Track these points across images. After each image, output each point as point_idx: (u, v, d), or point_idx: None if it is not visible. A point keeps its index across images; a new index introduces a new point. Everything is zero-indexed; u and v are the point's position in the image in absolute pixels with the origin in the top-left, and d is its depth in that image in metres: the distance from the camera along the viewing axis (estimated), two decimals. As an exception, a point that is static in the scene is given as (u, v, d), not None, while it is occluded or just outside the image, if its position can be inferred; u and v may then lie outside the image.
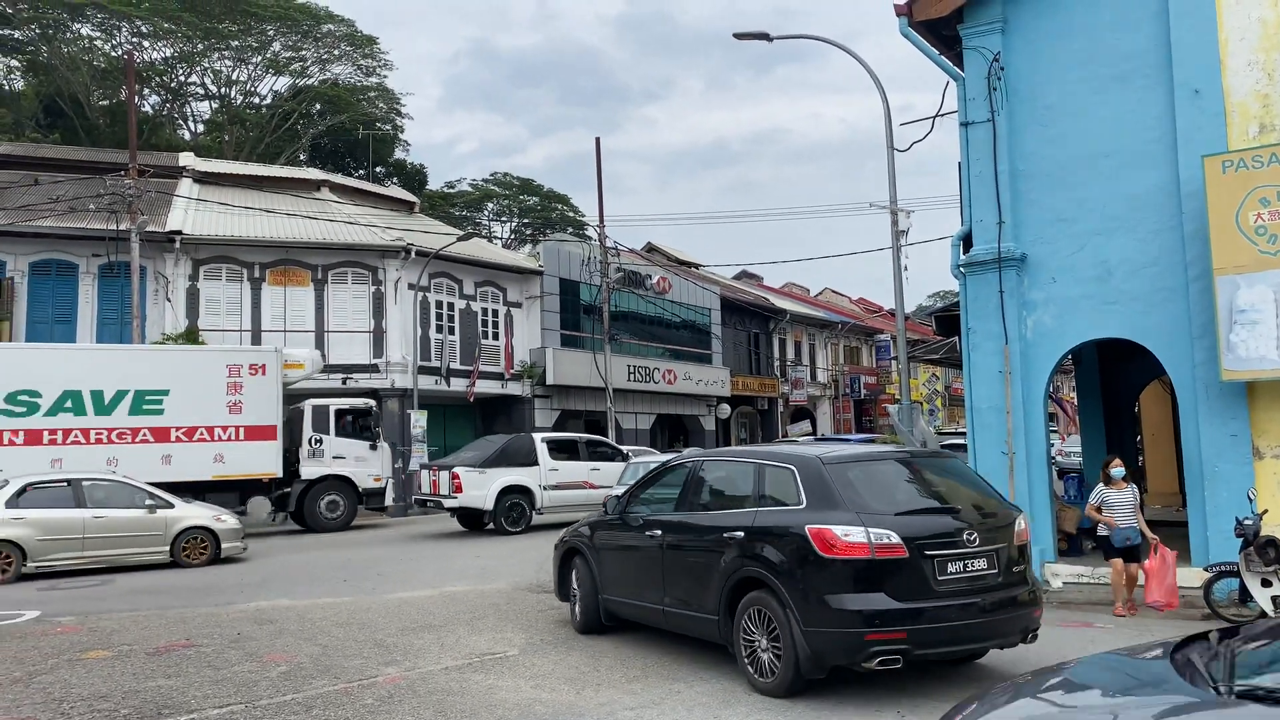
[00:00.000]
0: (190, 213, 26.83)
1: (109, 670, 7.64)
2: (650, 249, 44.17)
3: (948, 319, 15.48)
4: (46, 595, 12.24)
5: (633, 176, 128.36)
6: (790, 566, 6.36)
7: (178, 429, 18.97)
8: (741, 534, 6.80)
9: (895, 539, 6.15)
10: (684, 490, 7.83)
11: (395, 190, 40.39)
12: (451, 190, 61.63)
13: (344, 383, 26.44)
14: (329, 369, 26.27)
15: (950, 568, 6.28)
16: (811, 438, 36.59)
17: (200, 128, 54.01)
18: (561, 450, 20.50)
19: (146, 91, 48.98)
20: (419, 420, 25.49)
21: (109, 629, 9.48)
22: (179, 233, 25.14)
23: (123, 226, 23.57)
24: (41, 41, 48.28)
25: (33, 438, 17.72)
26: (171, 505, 15.26)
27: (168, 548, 14.93)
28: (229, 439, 19.49)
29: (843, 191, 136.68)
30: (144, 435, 18.66)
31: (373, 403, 23.56)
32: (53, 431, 17.92)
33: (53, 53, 47.67)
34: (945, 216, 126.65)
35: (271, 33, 49.90)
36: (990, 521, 6.65)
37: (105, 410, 18.39)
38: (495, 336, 30.18)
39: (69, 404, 18.07)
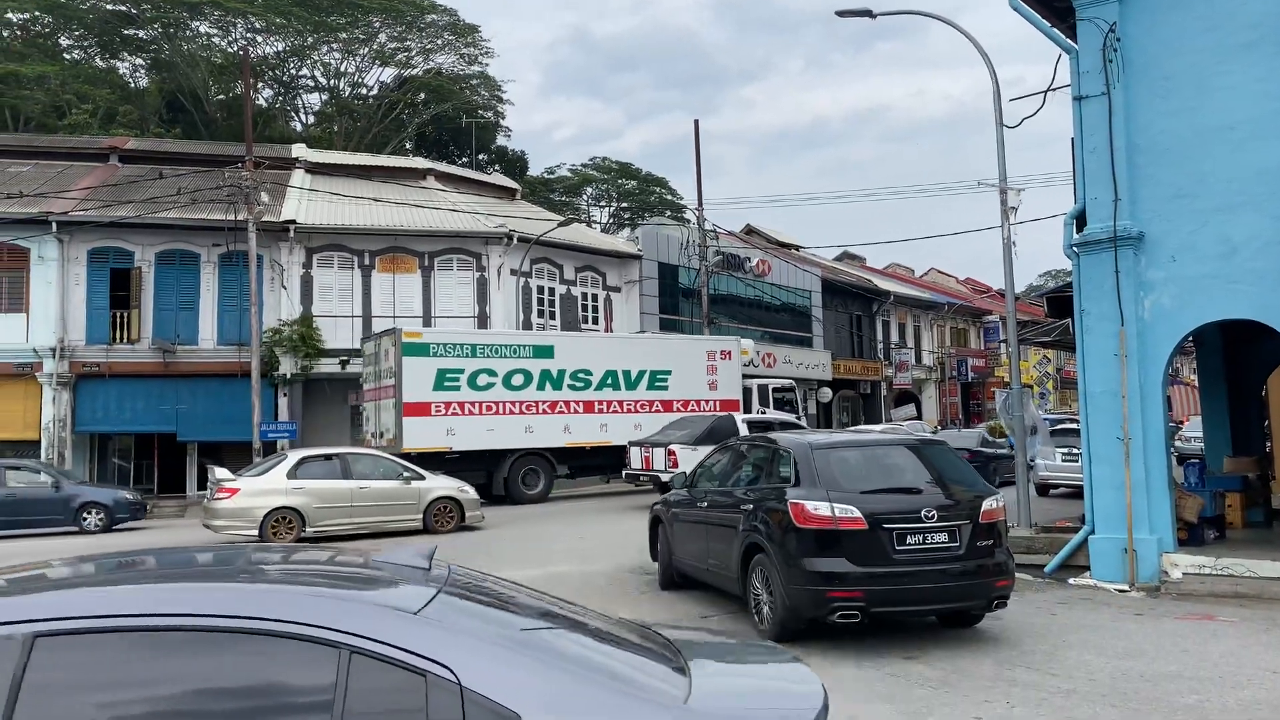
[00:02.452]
0: (303, 202, 27.81)
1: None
2: (749, 231, 43.91)
3: (1060, 300, 14.97)
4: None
5: (729, 159, 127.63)
6: (777, 534, 7.62)
7: (678, 401, 23.74)
8: (751, 506, 8.16)
9: (855, 513, 7.31)
10: (728, 468, 9.39)
11: (497, 177, 41.04)
12: (551, 176, 62.25)
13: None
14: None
15: (909, 540, 7.39)
16: (917, 422, 35.93)
17: (311, 119, 55.72)
18: (758, 429, 20.80)
19: (260, 85, 50.77)
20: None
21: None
22: (293, 222, 26.09)
23: (240, 217, 24.60)
24: (164, 40, 50.48)
25: (588, 407, 22.71)
26: (423, 477, 16.62)
27: (420, 516, 16.15)
28: (710, 409, 23.58)
29: (948, 169, 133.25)
30: (656, 406, 23.46)
31: (793, 382, 27.59)
32: (602, 402, 23.02)
33: (174, 50, 49.79)
34: (1057, 194, 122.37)
35: (377, 24, 51.08)
36: (953, 501, 7.64)
37: (632, 386, 23.43)
38: (595, 321, 30.47)
39: (609, 381, 23.15)
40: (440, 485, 16.87)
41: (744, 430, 19.94)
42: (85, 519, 19.31)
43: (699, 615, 8.86)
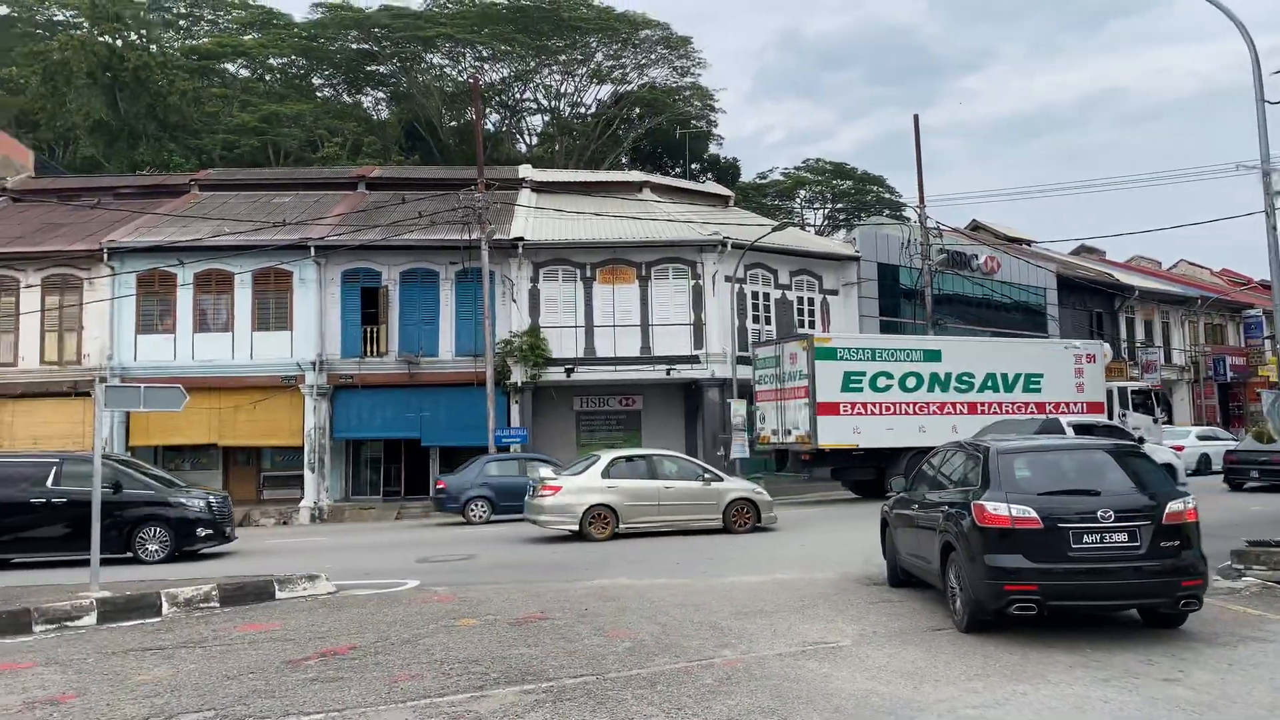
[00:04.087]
0: (530, 220, 29.14)
1: (479, 637, 8.52)
2: (975, 227, 42.05)
3: (1338, 290, 13.43)
4: (423, 567, 13.85)
5: (950, 152, 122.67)
6: (964, 533, 8.21)
7: (1050, 404, 23.98)
8: (947, 507, 8.78)
9: (1031, 513, 7.87)
10: (938, 470, 9.93)
11: (710, 185, 41.39)
12: (763, 181, 62.10)
13: (667, 373, 27.55)
14: (652, 360, 27.54)
15: (1086, 539, 7.80)
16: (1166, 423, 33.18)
17: (534, 140, 58.22)
18: (1082, 433, 20.40)
19: (488, 111, 53.56)
20: (738, 410, 25.97)
21: (476, 599, 10.56)
22: (521, 239, 27.38)
23: (474, 236, 26.09)
24: (401, 74, 54.28)
25: (971, 408, 23.40)
26: (721, 479, 17.36)
27: (720, 516, 16.78)
28: (1077, 412, 23.88)
29: (1196, 153, 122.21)
30: (1030, 409, 23.58)
31: (1156, 386, 27.95)
32: (983, 404, 23.67)
33: (410, 83, 53.42)
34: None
35: (594, 44, 52.74)
36: (1134, 503, 7.95)
37: (1009, 388, 24.10)
38: (812, 325, 30.08)
39: (989, 383, 23.96)
40: (738, 487, 17.50)
41: (1070, 433, 19.39)
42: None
43: (927, 628, 8.56)
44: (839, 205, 62.07)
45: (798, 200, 62.17)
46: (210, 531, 16.09)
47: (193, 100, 50.23)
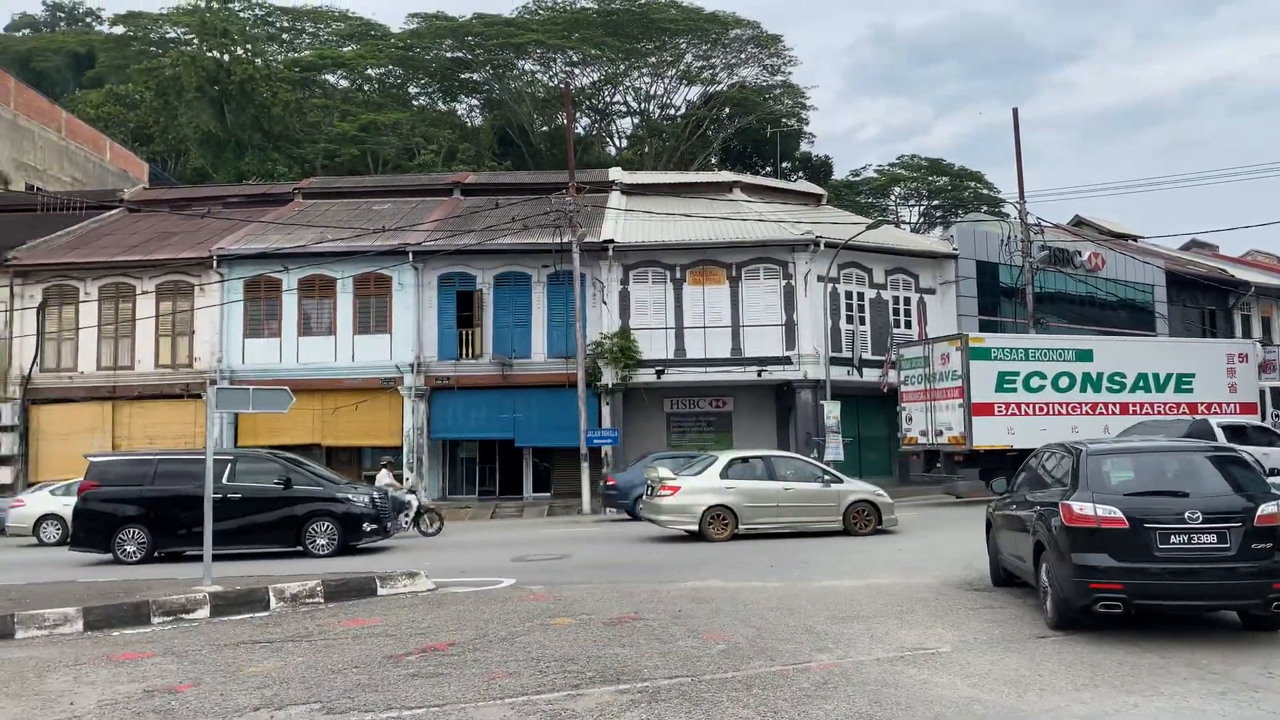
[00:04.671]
0: (620, 222, 29.30)
1: (574, 636, 8.59)
2: (1079, 222, 40.70)
3: None
4: (518, 565, 14.04)
5: (1051, 146, 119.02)
6: (1053, 532, 8.33)
7: (1202, 404, 23.62)
8: (1040, 507, 8.90)
9: (1117, 513, 7.94)
10: (1036, 471, 9.96)
11: (802, 184, 41.00)
12: (856, 178, 61.23)
13: (759, 374, 27.38)
14: (743, 361, 27.39)
15: (1173, 539, 7.81)
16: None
17: (624, 143, 58.50)
18: (1233, 434, 19.90)
19: (579, 114, 54.00)
20: (832, 411, 25.67)
21: (570, 598, 10.66)
22: (611, 241, 27.55)
23: (565, 239, 26.36)
24: (494, 80, 55.15)
25: (1123, 409, 23.01)
26: (840, 480, 17.25)
27: (840, 518, 16.66)
28: (1229, 413, 23.39)
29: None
30: (1182, 409, 23.21)
31: None
32: (1135, 404, 23.34)
33: (503, 89, 54.23)
34: None
35: (684, 45, 52.74)
36: (1223, 505, 7.95)
37: (1160, 388, 23.82)
38: (908, 325, 29.52)
39: (1141, 383, 23.71)
40: (858, 489, 17.27)
41: (1220, 436, 18.82)
42: None
43: (1031, 635, 8.31)
44: (935, 202, 60.80)
45: (892, 198, 61.15)
46: (375, 527, 16.60)
47: (295, 111, 51.97)
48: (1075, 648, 7.82)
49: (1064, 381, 22.88)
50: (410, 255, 27.56)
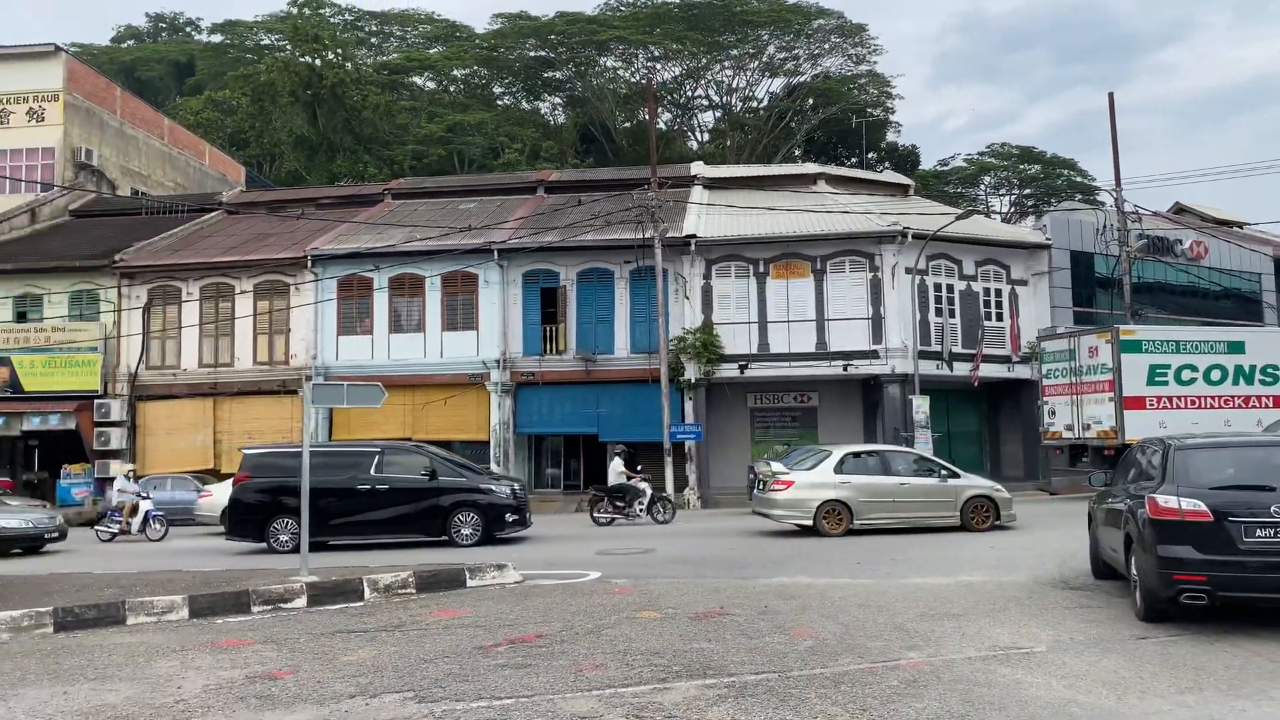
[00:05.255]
0: (702, 217, 29.21)
1: (660, 630, 8.61)
2: (1179, 209, 39.15)
3: None
4: (603, 559, 14.13)
5: (1149, 131, 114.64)
6: (1140, 524, 8.46)
7: None
8: (1130, 500, 9.03)
9: (1201, 506, 8.03)
10: (1132, 466, 9.98)
11: (888, 175, 40.29)
12: (944, 168, 60.02)
13: (844, 369, 27.03)
14: (828, 355, 27.06)
15: (1259, 532, 7.87)
16: None
17: (706, 137, 58.35)
18: None
19: (660, 109, 54.05)
20: (921, 406, 25.19)
21: (656, 593, 10.69)
22: (693, 236, 27.49)
23: (647, 235, 26.40)
24: (576, 78, 55.56)
25: (1276, 402, 22.00)
26: (957, 475, 17.11)
27: (957, 514, 16.52)
28: None
29: None
30: None
31: None
32: None
33: (585, 87, 54.59)
34: None
35: (766, 37, 52.33)
36: None
37: None
38: (999, 317, 28.79)
39: None
40: (976, 484, 17.12)
41: None
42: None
43: (1130, 636, 8.06)
44: (1027, 191, 59.22)
45: (982, 187, 59.77)
46: (516, 517, 16.96)
47: (384, 113, 53.14)
48: (1179, 649, 7.55)
49: (1215, 374, 22.17)
50: (495, 253, 27.95)
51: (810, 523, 16.19)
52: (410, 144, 52.46)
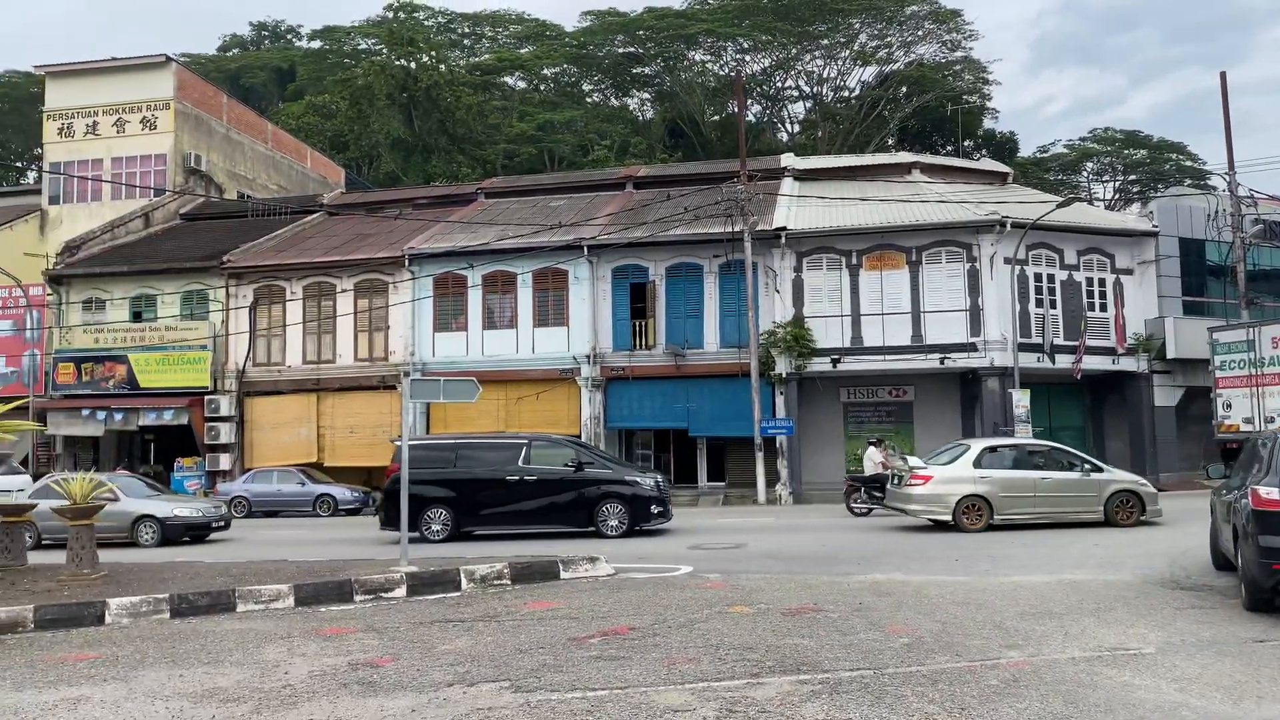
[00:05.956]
0: (792, 209, 28.93)
1: (752, 625, 8.58)
2: (1297, 193, 37.20)
3: None
4: (695, 553, 14.14)
5: (1265, 112, 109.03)
6: (1244, 515, 8.65)
7: None
8: (1238, 492, 9.28)
9: None
10: (1247, 460, 10.03)
11: (985, 163, 39.25)
12: (1044, 155, 58.27)
13: (941, 362, 26.47)
14: (924, 349, 26.52)
15: None
16: None
17: (796, 128, 57.76)
18: None
19: (749, 102, 53.68)
20: (1021, 400, 24.49)
21: (748, 588, 10.66)
22: (784, 229, 27.24)
23: (736, 228, 26.29)
24: (664, 73, 55.56)
25: None
26: (1101, 469, 16.89)
27: (1101, 508, 16.27)
28: None
29: None
30: None
31: None
32: None
33: (674, 81, 54.55)
34: None
35: (858, 25, 51.54)
36: None
37: None
38: (1103, 308, 27.81)
39: None
40: (1120, 478, 16.77)
41: None
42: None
43: (1247, 638, 7.71)
44: (1132, 177, 57.04)
45: (1084, 173, 57.80)
46: (661, 509, 17.22)
47: (477, 114, 54.04)
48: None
49: None
50: (585, 249, 28.17)
51: (949, 518, 16.04)
52: (502, 143, 53.25)
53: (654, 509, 17.02)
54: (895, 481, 17.20)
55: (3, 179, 61.45)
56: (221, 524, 19.75)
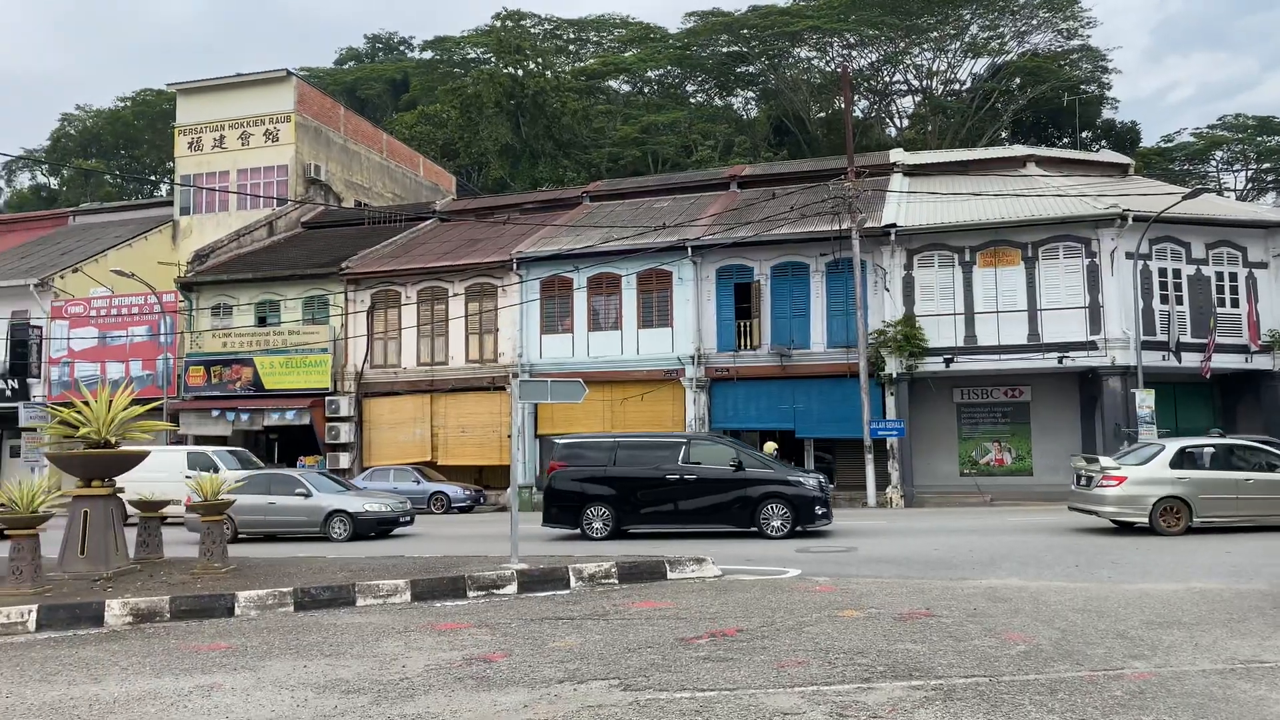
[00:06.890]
0: (902, 205, 28.38)
1: (862, 629, 8.47)
2: None
3: None
4: (802, 556, 14.01)
5: None
6: None
7: None
8: None
9: None
10: None
11: (1105, 154, 37.79)
12: (1169, 144, 55.65)
13: (1059, 361, 25.59)
14: (1041, 348, 25.68)
15: None
16: None
17: (905, 123, 56.62)
18: None
19: (856, 97, 52.86)
20: (1145, 400, 23.51)
21: (858, 591, 10.51)
22: (893, 226, 26.75)
23: (844, 226, 25.93)
24: (769, 71, 55.18)
25: None
26: None
27: None
28: None
29: None
30: None
31: None
32: None
33: (778, 79, 54.13)
34: None
35: (968, 16, 50.27)
36: None
37: None
38: (1234, 304, 26.43)
39: None
40: None
41: None
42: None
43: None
44: (1265, 165, 53.99)
45: (1213, 163, 54.98)
46: (824, 510, 17.11)
47: (582, 118, 54.69)
48: None
49: None
50: (689, 250, 28.21)
51: (1145, 521, 15.56)
52: (606, 146, 53.72)
53: (819, 510, 16.76)
54: (1084, 482, 16.65)
55: (138, 192, 65.04)
56: (407, 519, 20.26)
